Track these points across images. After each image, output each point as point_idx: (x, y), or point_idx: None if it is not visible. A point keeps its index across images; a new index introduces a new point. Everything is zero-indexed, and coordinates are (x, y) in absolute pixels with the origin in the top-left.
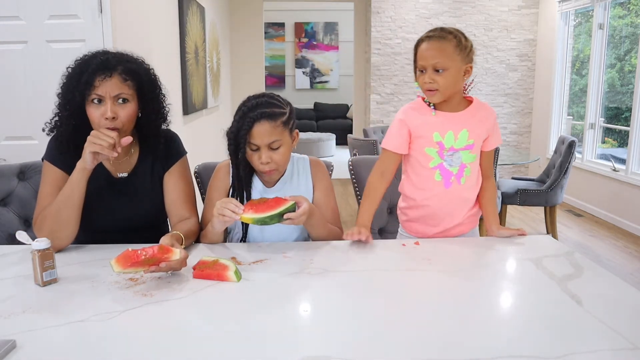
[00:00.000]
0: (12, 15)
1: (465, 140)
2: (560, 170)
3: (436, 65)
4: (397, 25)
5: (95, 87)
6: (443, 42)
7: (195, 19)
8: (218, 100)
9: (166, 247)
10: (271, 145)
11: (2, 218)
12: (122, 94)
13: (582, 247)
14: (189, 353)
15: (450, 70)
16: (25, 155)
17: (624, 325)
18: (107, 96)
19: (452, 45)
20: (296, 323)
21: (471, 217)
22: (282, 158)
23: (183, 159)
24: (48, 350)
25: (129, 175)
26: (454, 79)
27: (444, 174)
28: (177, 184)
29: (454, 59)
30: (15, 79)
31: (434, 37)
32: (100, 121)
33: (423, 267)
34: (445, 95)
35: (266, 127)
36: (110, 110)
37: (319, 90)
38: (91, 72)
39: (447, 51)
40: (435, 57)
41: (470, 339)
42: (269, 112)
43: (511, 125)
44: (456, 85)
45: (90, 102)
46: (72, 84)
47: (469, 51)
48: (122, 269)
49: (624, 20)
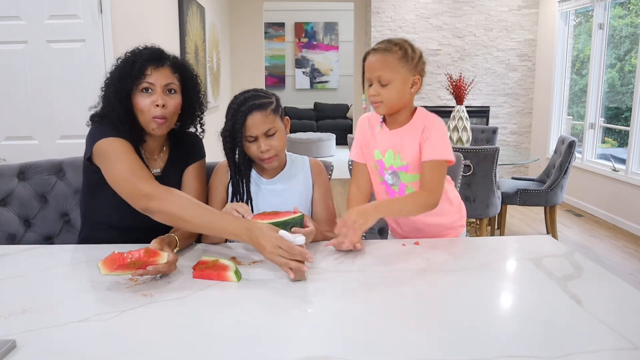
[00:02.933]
0: (12, 15)
1: (400, 161)
2: (560, 170)
3: (380, 78)
4: (397, 25)
5: (147, 76)
6: (387, 55)
7: (195, 19)
8: (218, 100)
9: (152, 250)
10: (267, 133)
11: (2, 218)
12: (171, 84)
13: (582, 247)
14: (189, 353)
15: (394, 83)
16: (25, 155)
17: (624, 325)
18: (157, 84)
19: (397, 57)
20: (296, 323)
21: (446, 231)
22: (280, 143)
23: (202, 161)
24: (48, 350)
25: (162, 172)
26: (399, 91)
27: (389, 192)
28: (192, 182)
29: (398, 71)
30: (15, 79)
31: (379, 50)
32: (150, 109)
33: (423, 267)
34: (390, 108)
35: (259, 117)
36: (161, 98)
37: (319, 90)
38: (144, 61)
39: (391, 64)
40: (379, 70)
41: (470, 339)
42: (259, 103)
43: (511, 125)
44: (402, 98)
45: (139, 91)
46: (125, 72)
47: (416, 62)
48: (108, 272)
49: (624, 20)
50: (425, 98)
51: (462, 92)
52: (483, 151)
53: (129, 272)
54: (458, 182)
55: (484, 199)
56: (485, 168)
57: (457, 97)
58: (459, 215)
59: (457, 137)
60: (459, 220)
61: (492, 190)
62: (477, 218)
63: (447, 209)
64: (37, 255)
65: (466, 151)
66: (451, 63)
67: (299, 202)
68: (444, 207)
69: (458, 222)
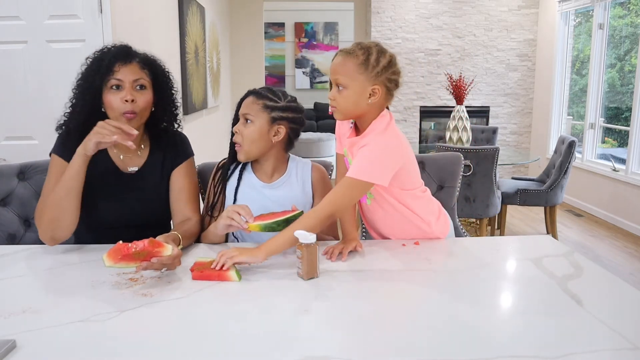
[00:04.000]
0: (12, 15)
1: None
2: (560, 170)
3: (337, 81)
4: (397, 25)
5: (115, 72)
6: (347, 59)
7: (195, 19)
8: (218, 100)
9: (157, 242)
10: (245, 116)
11: (2, 218)
12: (140, 79)
13: (582, 247)
14: (188, 353)
15: (349, 90)
16: (25, 155)
17: (624, 325)
18: (126, 80)
19: (356, 63)
20: (296, 323)
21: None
22: (248, 135)
23: (191, 160)
24: (48, 350)
25: (139, 170)
26: (353, 99)
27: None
28: (183, 182)
29: (354, 77)
30: (15, 79)
31: (343, 52)
32: (119, 105)
33: (423, 267)
34: (344, 114)
35: (249, 101)
36: (130, 94)
37: (319, 90)
38: (112, 57)
39: (348, 69)
40: (337, 73)
41: (471, 339)
42: (259, 91)
43: (511, 125)
44: (358, 106)
45: (109, 88)
46: (93, 69)
47: (379, 71)
48: (113, 263)
49: (624, 20)
50: (425, 98)
51: (462, 92)
52: (483, 151)
53: (133, 264)
54: (458, 182)
55: (484, 199)
56: (485, 168)
57: (457, 97)
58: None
59: (457, 137)
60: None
61: (492, 190)
62: (477, 218)
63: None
64: (37, 255)
65: (466, 151)
66: (451, 63)
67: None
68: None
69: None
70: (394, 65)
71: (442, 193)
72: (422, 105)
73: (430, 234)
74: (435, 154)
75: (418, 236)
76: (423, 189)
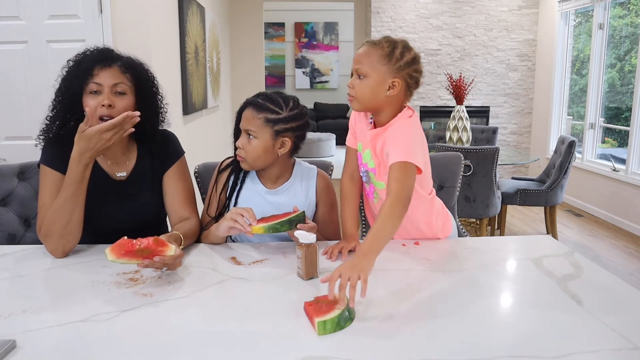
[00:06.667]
0: (12, 15)
1: (372, 162)
2: (560, 170)
3: (359, 70)
4: (397, 25)
5: (94, 76)
6: (372, 49)
7: (195, 19)
8: (218, 100)
9: (162, 241)
10: (248, 132)
11: (2, 218)
12: (120, 84)
13: (582, 247)
14: (188, 353)
15: (369, 79)
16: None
17: (624, 325)
18: (105, 85)
19: (380, 53)
20: (296, 323)
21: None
22: (252, 151)
23: (182, 159)
24: (48, 350)
25: (128, 176)
26: (372, 89)
27: (365, 187)
28: (176, 184)
29: (376, 67)
30: (15, 79)
31: (368, 43)
32: (97, 110)
33: (423, 267)
34: (362, 105)
35: (248, 114)
36: (108, 98)
37: (319, 90)
38: (91, 61)
39: (371, 58)
40: (359, 62)
41: (470, 339)
42: (258, 102)
43: (511, 125)
44: (376, 97)
45: (88, 93)
46: (72, 73)
47: (401, 65)
48: (115, 258)
49: (624, 20)
50: (426, 98)
51: (462, 92)
52: (483, 151)
53: (135, 261)
54: (458, 182)
55: (484, 199)
56: (485, 168)
57: (457, 97)
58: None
59: (457, 137)
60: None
61: (492, 190)
62: (477, 218)
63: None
64: (37, 255)
65: (466, 151)
66: (451, 63)
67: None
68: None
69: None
70: (417, 63)
71: (442, 193)
72: (422, 105)
73: (434, 234)
74: (436, 154)
75: (421, 236)
76: (429, 190)
